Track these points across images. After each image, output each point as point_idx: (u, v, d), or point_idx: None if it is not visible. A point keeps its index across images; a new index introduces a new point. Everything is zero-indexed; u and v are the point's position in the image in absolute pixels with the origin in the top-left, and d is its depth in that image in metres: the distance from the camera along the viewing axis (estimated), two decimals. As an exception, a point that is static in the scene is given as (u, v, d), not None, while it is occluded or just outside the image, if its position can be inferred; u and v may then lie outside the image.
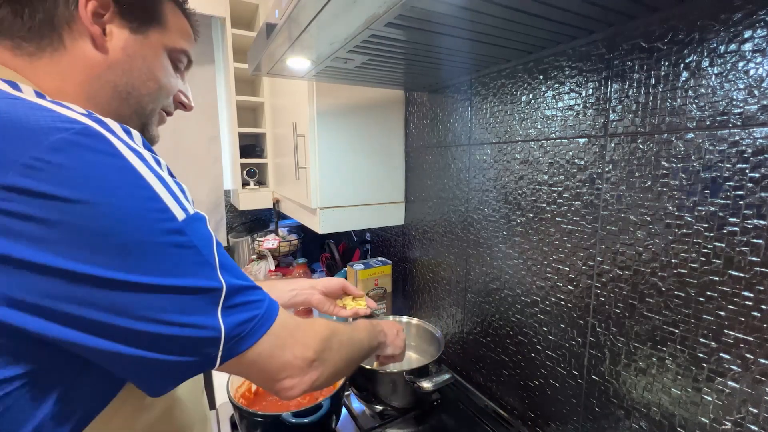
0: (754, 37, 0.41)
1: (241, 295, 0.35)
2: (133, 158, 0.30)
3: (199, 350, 0.33)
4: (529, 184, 0.69)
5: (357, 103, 0.98)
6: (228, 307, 0.34)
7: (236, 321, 0.34)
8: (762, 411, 0.43)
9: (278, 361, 0.39)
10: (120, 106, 0.41)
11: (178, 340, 0.31)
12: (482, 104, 0.78)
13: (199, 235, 0.33)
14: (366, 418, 0.81)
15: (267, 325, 0.37)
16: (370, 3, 0.43)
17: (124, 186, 0.29)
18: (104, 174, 0.28)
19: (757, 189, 0.41)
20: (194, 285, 0.32)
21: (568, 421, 0.67)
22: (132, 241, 0.29)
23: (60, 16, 0.37)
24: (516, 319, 0.75)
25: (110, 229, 0.28)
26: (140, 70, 0.42)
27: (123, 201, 0.29)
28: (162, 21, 0.43)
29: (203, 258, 0.33)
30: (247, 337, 0.35)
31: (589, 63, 0.58)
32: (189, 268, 0.32)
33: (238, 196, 1.41)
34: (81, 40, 0.38)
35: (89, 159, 0.28)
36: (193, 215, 0.33)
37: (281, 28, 0.52)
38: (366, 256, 1.39)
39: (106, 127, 0.30)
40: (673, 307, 0.50)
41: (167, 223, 0.31)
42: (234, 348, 0.35)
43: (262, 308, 0.37)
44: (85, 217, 0.27)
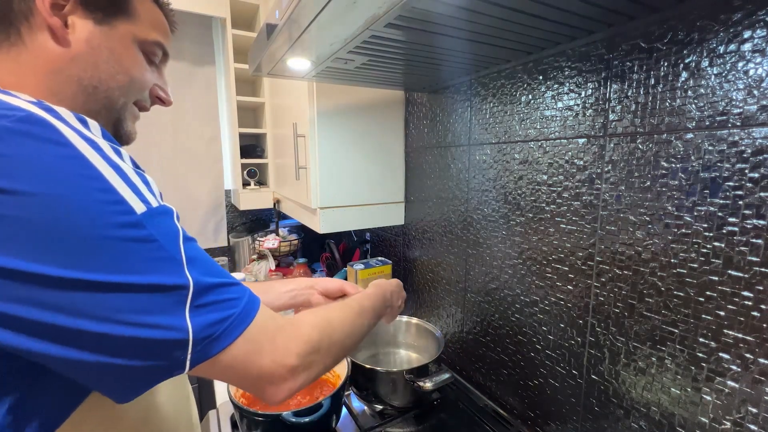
0: (753, 38, 0.41)
1: (213, 293, 0.33)
2: (85, 147, 0.28)
3: (164, 353, 0.30)
4: (529, 184, 0.69)
5: (357, 103, 0.98)
6: (197, 306, 0.31)
7: (206, 321, 0.32)
8: (761, 411, 0.43)
9: (255, 367, 0.35)
10: (87, 101, 0.39)
11: (141, 342, 0.29)
12: (482, 105, 0.78)
13: (163, 229, 0.31)
14: (366, 417, 0.81)
15: (243, 326, 0.34)
16: (370, 4, 0.43)
17: (71, 176, 0.27)
18: (49, 163, 0.26)
19: (756, 189, 0.41)
20: (155, 282, 0.29)
21: (568, 420, 0.67)
22: (82, 236, 0.27)
23: (16, 10, 0.35)
24: (515, 319, 0.75)
25: (57, 223, 0.26)
26: (107, 63, 0.39)
27: (70, 192, 0.27)
28: (129, 12, 0.41)
29: (166, 253, 0.30)
30: (220, 338, 0.32)
31: (588, 63, 0.58)
32: (149, 264, 0.29)
33: (239, 196, 1.42)
34: (40, 33, 0.36)
35: (32, 147, 0.26)
36: (157, 208, 0.31)
37: (281, 29, 0.52)
38: (366, 256, 1.40)
39: (55, 114, 0.28)
40: (673, 306, 0.50)
41: (122, 216, 0.28)
42: (205, 351, 0.32)
43: (237, 307, 0.34)
44: (27, 210, 0.25)
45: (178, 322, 0.30)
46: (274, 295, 0.71)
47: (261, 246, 1.45)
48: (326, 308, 0.48)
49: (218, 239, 1.66)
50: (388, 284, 0.69)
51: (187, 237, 0.33)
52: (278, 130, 1.30)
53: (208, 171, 1.57)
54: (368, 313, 0.55)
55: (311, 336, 0.41)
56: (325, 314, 0.46)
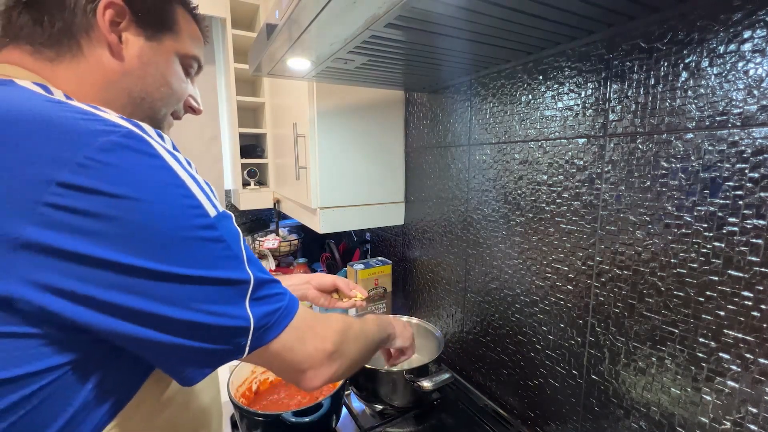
0: (753, 38, 0.41)
1: (266, 287, 0.37)
2: (170, 159, 0.32)
3: (230, 339, 0.34)
4: (529, 184, 0.69)
5: (357, 103, 0.98)
6: (255, 298, 0.36)
7: (263, 312, 0.36)
8: (761, 411, 0.43)
9: (300, 352, 0.40)
10: (134, 111, 0.43)
11: (212, 328, 0.33)
12: (482, 105, 0.78)
13: (229, 231, 0.35)
14: (366, 417, 0.81)
15: (290, 317, 0.39)
16: (370, 4, 0.43)
17: (164, 184, 0.31)
18: (147, 173, 0.30)
19: (756, 189, 0.41)
20: (226, 276, 0.33)
21: (568, 420, 0.67)
22: (171, 235, 0.30)
23: (78, 24, 0.38)
24: (515, 319, 0.75)
25: (152, 223, 0.30)
26: (154, 77, 0.43)
27: (164, 198, 0.30)
28: (174, 28, 0.45)
29: (233, 252, 0.34)
30: (272, 327, 0.37)
31: (588, 63, 0.58)
32: (221, 261, 0.33)
33: (239, 196, 1.42)
34: (98, 47, 0.39)
35: (134, 159, 0.30)
36: (222, 213, 0.35)
37: (281, 29, 0.52)
38: (366, 256, 1.39)
39: (143, 130, 0.32)
40: (673, 306, 0.50)
41: (201, 219, 0.32)
42: (261, 338, 0.36)
43: (284, 301, 0.39)
44: (131, 212, 0.29)
45: (242, 312, 0.34)
46: None
47: (261, 246, 1.45)
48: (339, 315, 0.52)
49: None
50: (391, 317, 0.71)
51: (244, 238, 0.37)
52: (278, 130, 1.30)
53: (208, 171, 1.57)
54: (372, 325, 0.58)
55: (340, 326, 0.46)
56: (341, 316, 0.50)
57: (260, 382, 0.83)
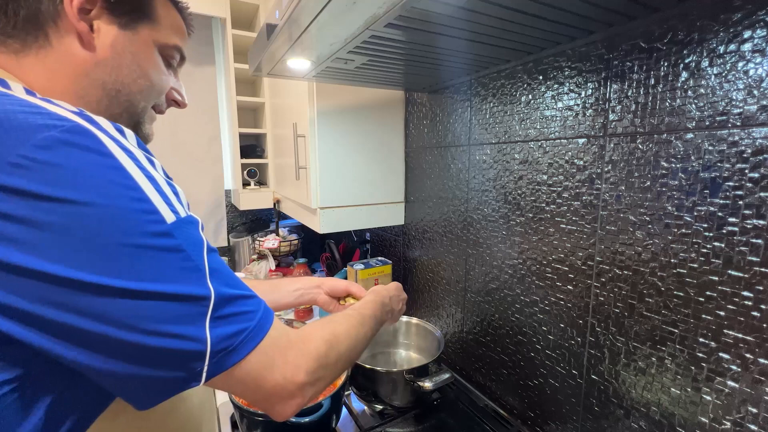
0: (753, 38, 0.41)
1: (232, 305, 0.33)
2: (124, 157, 0.29)
3: (182, 364, 0.30)
4: (529, 184, 0.69)
5: (357, 103, 0.98)
6: (217, 317, 0.32)
7: (224, 333, 0.32)
8: (761, 411, 0.43)
9: (267, 382, 0.36)
10: (110, 105, 0.40)
11: (160, 351, 0.29)
12: (482, 105, 0.78)
13: (190, 239, 0.32)
14: (366, 417, 0.81)
15: (257, 340, 0.35)
16: (370, 4, 0.43)
17: (111, 185, 0.28)
18: (92, 172, 0.27)
19: (756, 189, 0.41)
20: (180, 292, 0.30)
21: (568, 420, 0.67)
22: (116, 243, 0.27)
23: (45, 12, 0.35)
24: (515, 319, 0.75)
25: (95, 229, 0.27)
26: (130, 68, 0.40)
27: (110, 200, 0.27)
28: (152, 16, 0.42)
29: (192, 263, 0.31)
30: (235, 351, 0.33)
31: (588, 63, 0.58)
32: (175, 273, 0.30)
33: (239, 196, 1.42)
34: (67, 37, 0.37)
35: (78, 157, 0.27)
36: (185, 218, 0.32)
37: (281, 29, 0.52)
38: (366, 256, 1.39)
39: (96, 125, 0.29)
40: (673, 306, 0.50)
41: (154, 225, 0.29)
42: (220, 363, 0.32)
43: (253, 320, 0.35)
44: (69, 217, 0.26)
45: (198, 332, 0.30)
46: (281, 293, 0.71)
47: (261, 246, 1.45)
48: (331, 320, 0.48)
49: (218, 239, 1.66)
50: (386, 289, 0.69)
51: (210, 248, 0.34)
52: (278, 130, 1.30)
53: (208, 171, 1.57)
54: (370, 321, 0.55)
55: (320, 351, 0.41)
56: (331, 328, 0.46)
57: (260, 382, 0.82)
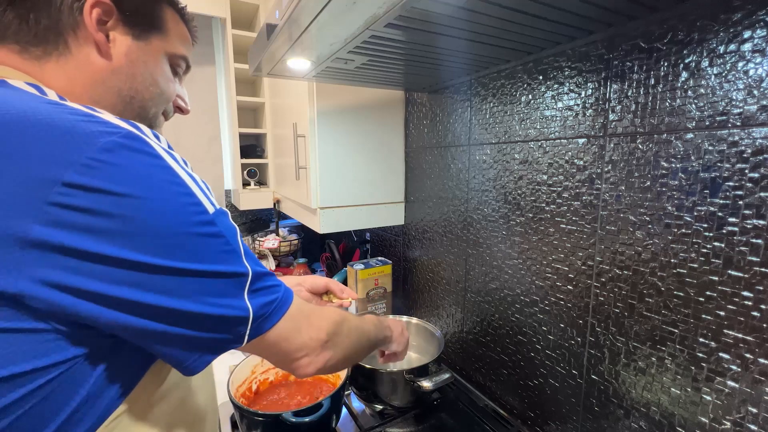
0: (753, 38, 0.41)
1: (263, 280, 0.39)
2: (169, 159, 0.33)
3: (230, 328, 0.36)
4: (529, 185, 0.69)
5: (357, 103, 0.98)
6: (253, 290, 0.37)
7: (261, 303, 0.38)
8: (761, 411, 0.43)
9: (296, 341, 0.43)
10: (124, 110, 0.43)
11: (214, 318, 0.34)
12: (482, 105, 0.78)
13: (227, 227, 0.36)
14: (366, 417, 0.81)
15: (285, 307, 0.41)
16: (370, 4, 0.43)
17: (165, 183, 0.32)
18: (149, 172, 0.31)
19: (756, 189, 0.41)
20: (226, 270, 0.35)
21: (568, 420, 0.67)
22: (174, 232, 0.32)
23: (65, 22, 0.38)
24: (515, 319, 0.75)
25: (155, 220, 0.31)
26: (143, 76, 0.44)
27: (166, 196, 0.32)
28: (162, 28, 0.45)
29: (231, 247, 0.36)
30: (270, 317, 0.39)
31: (588, 63, 0.58)
32: (221, 255, 0.35)
33: (239, 196, 1.42)
34: (86, 45, 0.39)
35: (136, 159, 0.31)
36: (220, 209, 0.36)
37: (281, 29, 0.52)
38: (366, 256, 1.39)
39: (142, 132, 0.33)
40: (673, 306, 0.50)
41: (201, 215, 0.34)
42: (259, 327, 0.38)
43: (280, 292, 0.41)
44: (134, 210, 0.30)
45: (241, 303, 0.36)
46: None
47: (261, 246, 1.45)
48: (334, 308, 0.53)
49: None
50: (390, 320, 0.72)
51: (240, 233, 0.39)
52: (278, 130, 1.30)
53: (208, 171, 1.57)
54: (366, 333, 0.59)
55: (335, 318, 0.49)
56: (337, 310, 0.52)
57: (260, 382, 0.83)
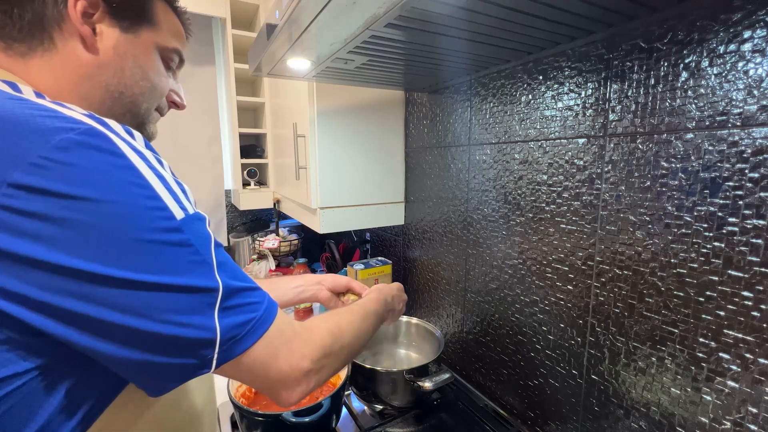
0: (753, 38, 0.41)
1: (239, 296, 0.35)
2: (135, 158, 0.31)
3: (194, 351, 0.32)
4: (529, 184, 0.69)
5: (357, 103, 0.98)
6: (225, 308, 0.33)
7: (232, 323, 0.34)
8: (761, 411, 0.43)
9: (273, 369, 0.38)
10: (113, 106, 0.41)
11: (174, 340, 0.31)
12: (482, 105, 0.78)
13: (198, 235, 0.33)
14: (366, 417, 0.81)
15: (263, 329, 0.36)
16: (370, 4, 0.43)
17: (125, 184, 0.29)
18: (107, 172, 0.29)
19: (756, 189, 0.41)
20: (190, 284, 0.31)
21: (568, 420, 0.67)
22: (130, 238, 0.29)
23: (49, 16, 0.37)
24: (515, 319, 0.75)
25: (110, 225, 0.28)
26: (132, 70, 0.42)
27: (124, 198, 0.29)
28: (153, 20, 0.43)
29: (200, 257, 0.33)
30: (243, 339, 0.35)
31: (588, 63, 0.58)
32: (185, 267, 0.31)
33: (239, 196, 1.42)
34: (71, 40, 0.38)
35: (93, 158, 0.28)
36: (193, 215, 0.33)
37: (281, 29, 0.52)
38: (366, 256, 1.39)
39: (108, 127, 0.31)
40: (673, 306, 0.50)
41: (165, 221, 0.31)
42: (229, 351, 0.34)
43: (259, 311, 0.36)
44: (87, 214, 0.28)
45: (208, 322, 0.32)
46: (280, 291, 0.72)
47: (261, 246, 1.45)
48: (335, 314, 0.51)
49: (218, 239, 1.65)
50: (389, 288, 0.71)
51: (216, 243, 0.35)
52: (278, 130, 1.30)
53: (208, 171, 1.57)
54: (372, 317, 0.57)
55: (324, 341, 0.43)
56: (335, 319, 0.48)
57: (260, 382, 0.82)
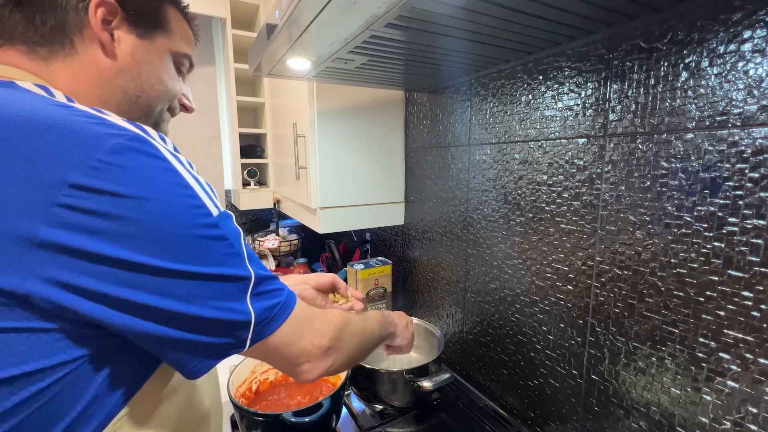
0: (753, 38, 0.41)
1: (266, 283, 0.38)
2: (174, 161, 0.34)
3: (232, 332, 0.36)
4: (529, 185, 0.69)
5: (357, 103, 0.98)
6: (256, 294, 0.37)
7: (263, 307, 0.38)
8: (761, 411, 0.43)
9: (297, 346, 0.42)
10: (130, 109, 0.44)
11: (216, 322, 0.34)
12: (482, 105, 0.78)
13: (230, 230, 0.36)
14: (366, 417, 0.81)
15: (288, 312, 0.40)
16: (370, 4, 0.43)
17: (169, 185, 0.32)
18: (154, 174, 0.31)
19: (756, 189, 0.41)
20: (229, 273, 0.35)
21: (568, 420, 0.67)
22: (178, 234, 0.32)
23: (70, 22, 0.39)
24: (515, 319, 0.75)
25: (160, 222, 0.31)
26: (148, 75, 0.44)
27: (170, 198, 0.32)
28: (166, 26, 0.45)
29: (235, 250, 0.36)
30: (272, 321, 0.39)
31: (588, 63, 0.58)
32: (224, 258, 0.35)
33: (239, 196, 1.42)
34: (92, 46, 0.40)
35: (141, 161, 0.31)
36: (224, 212, 0.36)
37: (281, 29, 0.52)
38: (366, 256, 1.39)
39: (148, 134, 0.34)
40: (673, 306, 0.50)
41: (205, 218, 0.34)
42: (261, 331, 0.38)
43: (282, 296, 0.40)
44: (139, 212, 0.30)
45: (243, 306, 0.36)
46: None
47: (261, 246, 1.45)
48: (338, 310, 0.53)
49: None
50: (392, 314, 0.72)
51: (244, 237, 0.39)
52: (278, 130, 1.30)
53: (208, 171, 1.57)
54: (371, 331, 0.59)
55: (338, 323, 0.48)
56: (341, 312, 0.51)
57: (260, 382, 0.83)
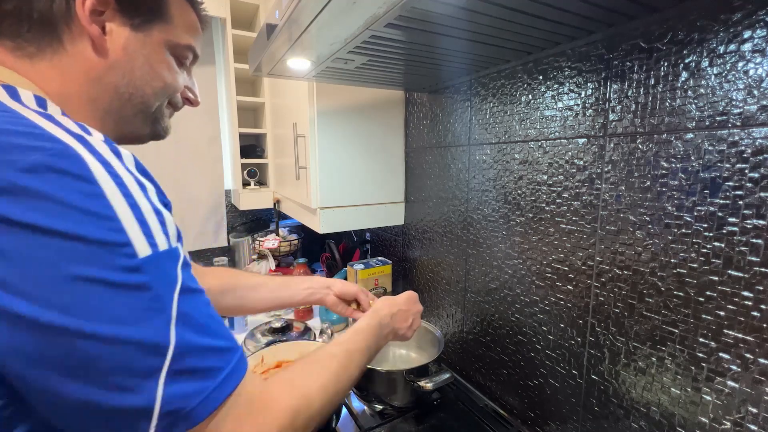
0: (753, 38, 0.41)
1: (195, 357, 0.29)
2: (108, 184, 0.27)
3: (128, 423, 0.27)
4: (529, 184, 0.69)
5: (357, 103, 0.98)
6: (175, 372, 0.28)
7: (179, 392, 0.28)
8: (762, 411, 0.43)
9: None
10: (123, 107, 0.40)
11: (104, 406, 0.26)
12: (482, 105, 0.78)
13: (162, 276, 0.29)
14: (366, 417, 0.81)
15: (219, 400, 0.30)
16: (370, 4, 0.43)
17: (83, 213, 0.26)
18: (68, 199, 0.26)
19: (756, 189, 0.41)
20: (134, 337, 0.27)
21: (568, 420, 0.67)
22: (70, 275, 0.25)
23: (57, 13, 0.35)
24: (515, 319, 0.75)
25: (50, 259, 0.25)
26: (142, 70, 0.40)
27: (76, 229, 0.26)
28: (166, 16, 0.41)
29: (157, 304, 0.28)
30: (190, 414, 0.28)
31: (588, 63, 0.58)
32: (134, 314, 0.27)
33: (239, 196, 1.42)
34: (80, 41, 0.36)
35: (57, 183, 0.26)
36: (164, 251, 0.29)
37: (281, 29, 0.52)
38: (366, 256, 1.39)
39: (89, 147, 0.28)
40: (673, 306, 0.50)
41: (123, 258, 0.27)
42: (173, 426, 0.28)
43: (216, 379, 0.30)
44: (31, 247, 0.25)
45: (145, 386, 0.27)
46: (295, 290, 0.73)
47: (261, 246, 1.45)
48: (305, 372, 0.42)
49: (218, 239, 1.66)
50: (389, 306, 0.65)
51: (189, 288, 0.31)
52: (278, 130, 1.30)
53: (208, 171, 1.57)
54: (359, 356, 0.51)
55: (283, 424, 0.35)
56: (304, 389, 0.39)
57: (260, 382, 0.82)
